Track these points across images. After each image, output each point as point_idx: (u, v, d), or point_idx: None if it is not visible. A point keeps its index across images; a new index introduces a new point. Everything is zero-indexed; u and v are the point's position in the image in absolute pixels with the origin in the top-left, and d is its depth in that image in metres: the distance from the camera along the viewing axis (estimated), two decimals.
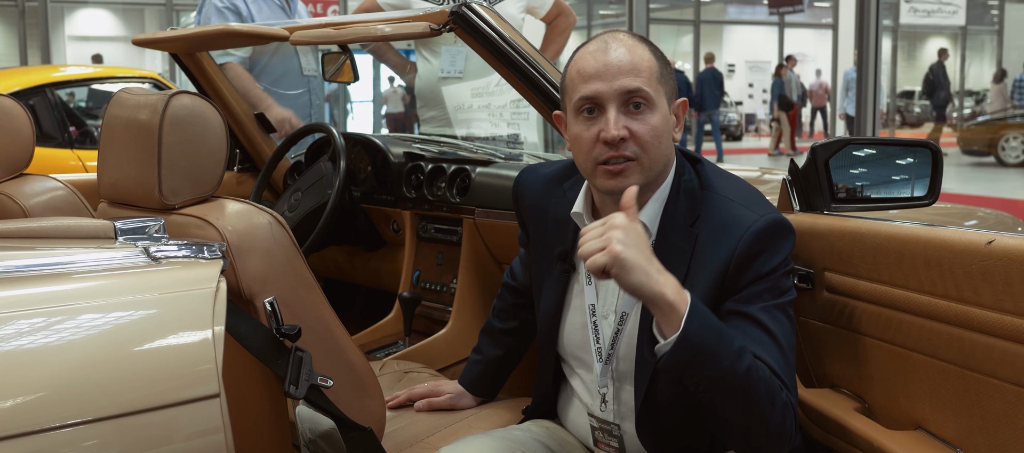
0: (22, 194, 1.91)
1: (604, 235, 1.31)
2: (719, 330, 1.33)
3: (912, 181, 1.77)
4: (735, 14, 24.05)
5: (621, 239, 1.30)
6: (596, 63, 1.44)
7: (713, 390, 1.33)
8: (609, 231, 1.31)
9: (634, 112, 1.43)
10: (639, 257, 1.30)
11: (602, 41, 1.47)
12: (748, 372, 1.33)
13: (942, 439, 1.40)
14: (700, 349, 1.30)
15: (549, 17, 3.66)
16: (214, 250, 1.27)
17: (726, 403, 1.35)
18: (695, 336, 1.30)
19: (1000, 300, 1.26)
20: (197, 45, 2.70)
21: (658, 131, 1.44)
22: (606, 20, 20.06)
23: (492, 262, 2.45)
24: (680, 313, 1.30)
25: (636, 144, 1.43)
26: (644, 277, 1.30)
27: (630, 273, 1.30)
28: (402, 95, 16.03)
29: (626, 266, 1.29)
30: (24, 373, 1.04)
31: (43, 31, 10.86)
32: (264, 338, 1.43)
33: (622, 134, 1.41)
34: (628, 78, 1.42)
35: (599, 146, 1.43)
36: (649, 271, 1.31)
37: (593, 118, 1.44)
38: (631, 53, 1.44)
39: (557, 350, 1.64)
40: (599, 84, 1.43)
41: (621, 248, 1.29)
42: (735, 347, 1.33)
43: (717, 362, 1.31)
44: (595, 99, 1.43)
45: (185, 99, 1.47)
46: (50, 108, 5.02)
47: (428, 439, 1.76)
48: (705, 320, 1.32)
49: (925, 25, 21.07)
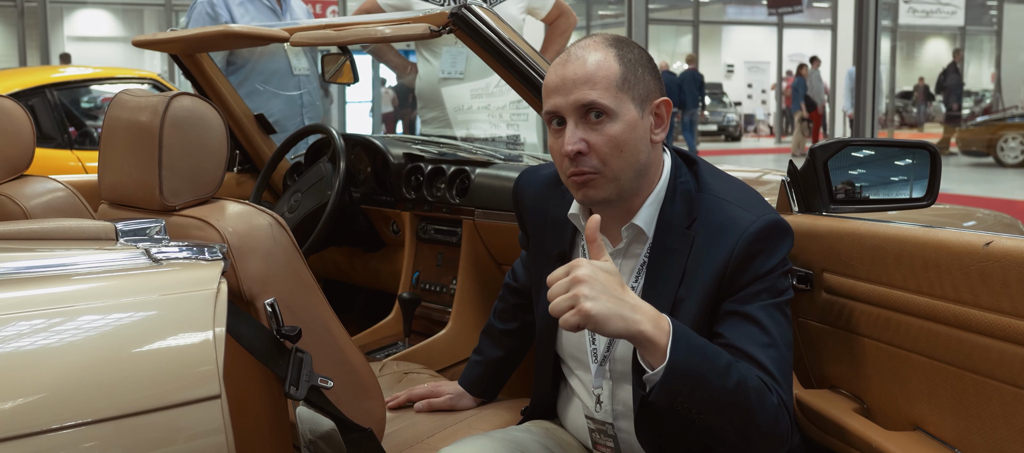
0: (23, 195, 1.91)
1: (570, 293, 1.27)
2: (704, 350, 1.33)
3: (911, 182, 1.78)
4: (734, 14, 24.06)
5: (587, 293, 1.26)
6: (556, 77, 1.44)
7: (706, 411, 1.33)
8: (574, 287, 1.27)
9: (594, 122, 1.42)
10: (610, 305, 1.27)
11: (567, 52, 1.47)
12: (738, 387, 1.33)
13: (940, 440, 1.41)
14: (689, 375, 1.30)
15: (550, 18, 3.67)
16: (215, 252, 1.27)
17: (719, 420, 1.35)
18: (682, 363, 1.30)
19: (998, 301, 1.26)
20: (197, 46, 2.71)
21: (618, 140, 1.42)
22: (605, 20, 20.06)
23: (492, 263, 2.45)
24: (663, 345, 1.29)
25: (595, 157, 1.42)
26: (620, 322, 1.28)
27: (605, 324, 1.27)
28: (392, 97, 16.11)
29: (599, 320, 1.27)
30: (26, 374, 1.04)
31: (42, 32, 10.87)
32: (265, 339, 1.44)
33: (578, 147, 1.41)
34: (583, 90, 1.41)
35: (565, 159, 1.44)
36: (623, 314, 1.28)
37: (560, 131, 1.45)
38: (590, 64, 1.43)
39: (556, 351, 1.64)
40: (558, 98, 1.43)
41: (590, 305, 1.26)
42: (721, 364, 1.33)
43: (707, 383, 1.31)
44: (556, 112, 1.44)
45: (186, 101, 1.47)
46: (49, 109, 5.02)
47: (428, 440, 1.77)
48: (689, 343, 1.32)
49: (924, 25, 21.08)
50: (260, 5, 3.69)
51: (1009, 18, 20.93)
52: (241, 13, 3.60)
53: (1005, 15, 20.91)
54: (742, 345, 1.40)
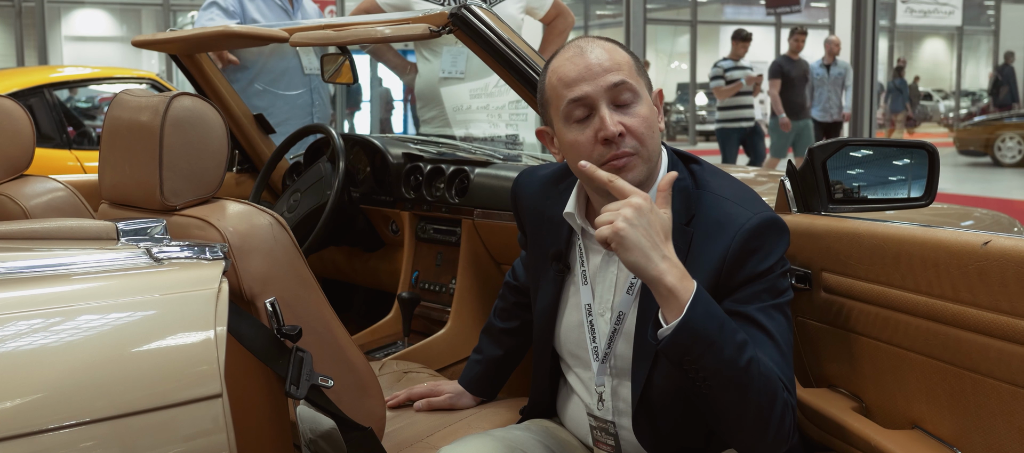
0: (23, 195, 1.91)
1: (618, 210, 1.33)
2: (722, 321, 1.34)
3: (909, 182, 1.78)
4: (732, 14, 24.07)
5: (629, 217, 1.32)
6: (577, 67, 1.45)
7: (712, 379, 1.34)
8: (623, 208, 1.33)
9: (624, 107, 1.44)
10: (642, 238, 1.32)
11: (576, 47, 1.48)
12: (749, 366, 1.34)
13: (939, 438, 1.41)
14: (701, 336, 1.31)
15: (548, 18, 3.67)
16: (216, 251, 1.28)
17: (724, 395, 1.35)
18: (697, 322, 1.31)
19: (996, 300, 1.27)
20: (196, 46, 2.71)
21: (649, 121, 1.46)
22: (603, 20, 20.08)
23: (491, 262, 2.45)
24: (682, 300, 1.31)
25: (634, 138, 1.44)
26: (643, 258, 1.32)
27: (628, 251, 1.32)
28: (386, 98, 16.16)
29: (625, 244, 1.31)
30: (27, 374, 1.04)
31: (40, 32, 10.87)
32: (265, 338, 1.44)
33: (620, 129, 1.43)
34: (612, 74, 1.44)
35: (598, 147, 1.44)
36: (650, 254, 1.32)
37: (585, 121, 1.45)
38: (608, 51, 1.46)
39: (554, 348, 1.65)
40: (586, 86, 1.44)
41: (624, 226, 1.31)
42: (737, 340, 1.34)
43: (718, 351, 1.32)
44: (584, 100, 1.44)
45: (186, 101, 1.47)
46: (48, 109, 5.02)
47: (428, 439, 1.77)
48: (709, 309, 1.33)
49: (921, 25, 21.10)
50: (273, 4, 3.68)
51: (1006, 18, 20.96)
52: (254, 10, 3.59)
53: (1002, 15, 20.93)
54: None
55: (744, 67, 8.24)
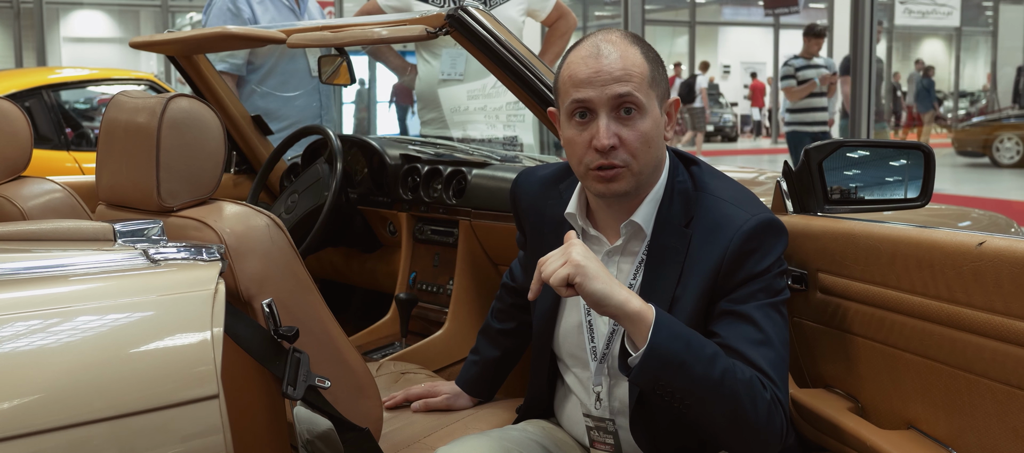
0: (20, 196, 1.92)
1: (563, 251, 1.36)
2: (688, 339, 1.35)
3: (905, 183, 1.78)
4: (730, 15, 24.09)
5: (579, 252, 1.35)
6: (587, 69, 1.45)
7: (689, 398, 1.35)
8: (568, 248, 1.36)
9: (625, 118, 1.44)
10: (599, 269, 1.35)
11: (594, 45, 1.47)
12: (723, 377, 1.35)
13: (934, 438, 1.41)
14: (670, 359, 1.33)
15: (550, 20, 3.67)
16: (213, 252, 1.28)
17: (704, 410, 1.37)
18: (663, 346, 1.32)
19: (991, 301, 1.27)
20: (194, 48, 2.71)
21: (648, 137, 1.45)
22: (602, 21, 20.06)
23: (488, 264, 2.46)
24: (647, 323, 1.33)
25: (626, 151, 1.44)
26: (607, 286, 1.34)
27: (593, 280, 1.33)
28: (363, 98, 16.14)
29: (588, 274, 1.33)
30: (25, 374, 1.04)
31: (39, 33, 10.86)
32: (262, 339, 1.44)
33: (612, 142, 1.43)
34: (619, 84, 1.43)
35: (591, 152, 1.45)
36: (611, 283, 1.35)
37: (585, 123, 1.46)
38: (623, 59, 1.44)
39: (553, 349, 1.65)
40: (590, 91, 1.44)
41: (581, 258, 1.34)
42: (706, 353, 1.35)
43: (688, 370, 1.33)
44: (586, 104, 1.45)
45: (183, 102, 1.47)
46: (46, 110, 5.02)
47: (425, 439, 1.77)
48: (673, 330, 1.35)
49: (920, 26, 21.10)
50: (280, 4, 3.67)
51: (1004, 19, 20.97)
52: (262, 12, 3.58)
53: (1001, 16, 20.95)
54: (737, 344, 1.41)
55: (817, 65, 7.64)
